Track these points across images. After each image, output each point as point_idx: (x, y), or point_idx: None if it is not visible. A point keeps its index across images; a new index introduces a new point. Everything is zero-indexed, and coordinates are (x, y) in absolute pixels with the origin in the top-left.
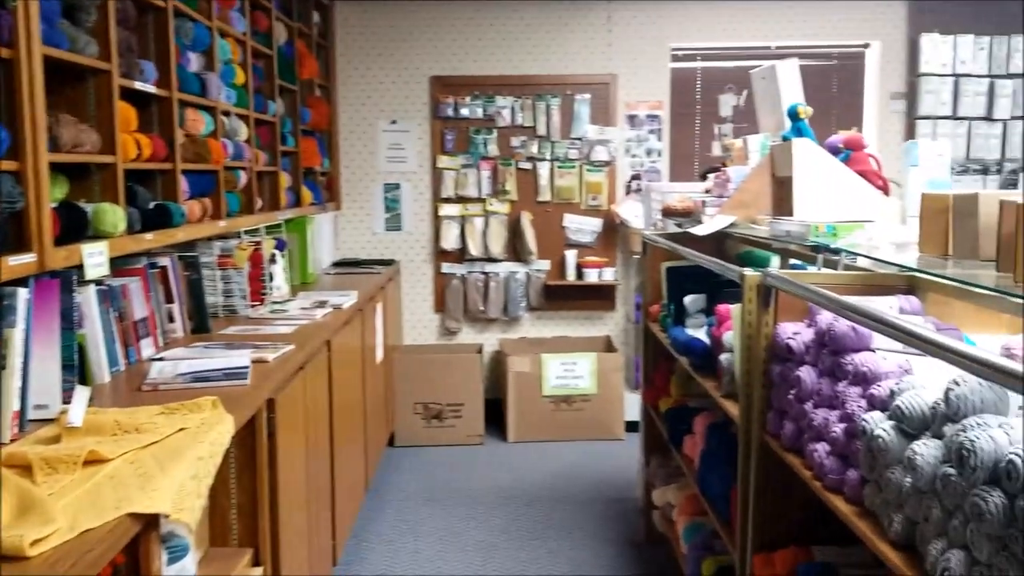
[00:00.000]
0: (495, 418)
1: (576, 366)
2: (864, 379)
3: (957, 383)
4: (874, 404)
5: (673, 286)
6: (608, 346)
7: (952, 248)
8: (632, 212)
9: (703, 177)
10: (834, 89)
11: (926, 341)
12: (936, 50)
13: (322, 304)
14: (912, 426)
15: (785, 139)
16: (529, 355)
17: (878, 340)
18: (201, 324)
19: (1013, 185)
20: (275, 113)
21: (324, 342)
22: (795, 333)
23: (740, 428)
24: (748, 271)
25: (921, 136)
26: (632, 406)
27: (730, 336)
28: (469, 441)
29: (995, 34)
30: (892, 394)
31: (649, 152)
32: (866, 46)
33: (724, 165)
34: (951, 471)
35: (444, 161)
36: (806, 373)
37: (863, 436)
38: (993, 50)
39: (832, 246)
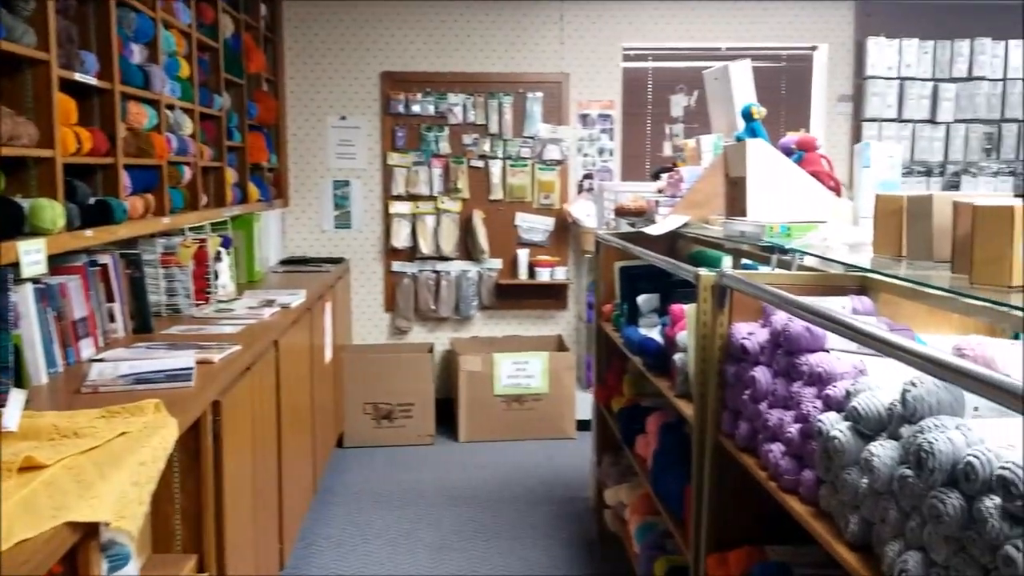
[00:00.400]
0: (446, 418)
1: (528, 365)
2: (819, 380)
3: (914, 384)
4: (830, 405)
5: (626, 286)
6: (560, 345)
7: (906, 249)
8: (584, 211)
9: (655, 177)
10: (782, 91)
11: (881, 341)
12: (882, 53)
13: (269, 303)
14: (868, 427)
15: (739, 139)
16: (481, 354)
17: (832, 340)
18: (143, 324)
19: (955, 187)
20: (221, 107)
21: (272, 342)
22: (750, 333)
23: (694, 428)
24: (703, 271)
25: (867, 138)
26: (583, 405)
27: (684, 336)
28: (420, 441)
29: (939, 38)
30: (848, 395)
31: (601, 151)
32: (814, 49)
33: (675, 165)
34: (908, 472)
35: (395, 158)
36: (761, 373)
37: (819, 437)
38: (937, 54)
39: (786, 247)
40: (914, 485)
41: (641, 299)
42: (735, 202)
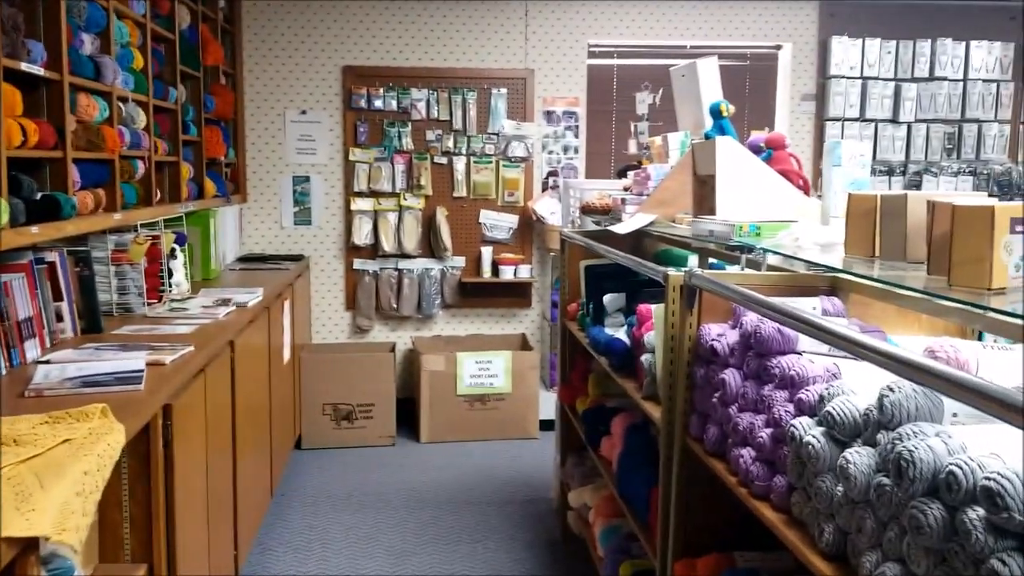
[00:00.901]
0: (407, 418)
1: (491, 364)
2: (791, 383)
3: (892, 389)
4: (802, 409)
5: (592, 285)
6: (524, 344)
7: (879, 249)
8: (549, 209)
9: (620, 175)
10: (747, 90)
11: (854, 343)
12: (845, 53)
13: (225, 302)
14: (843, 433)
15: (707, 137)
16: (443, 353)
17: (804, 343)
18: (93, 324)
19: (917, 186)
20: (176, 100)
21: (227, 343)
22: (719, 335)
23: (662, 431)
24: (672, 271)
25: (830, 137)
26: (547, 405)
27: (651, 337)
28: (380, 442)
29: (902, 38)
30: (822, 399)
31: (566, 149)
32: (778, 48)
33: (641, 163)
34: (886, 481)
35: (357, 154)
36: (731, 376)
37: (791, 442)
38: (899, 54)
39: (757, 246)
40: (893, 494)
41: (607, 299)
42: (703, 201)
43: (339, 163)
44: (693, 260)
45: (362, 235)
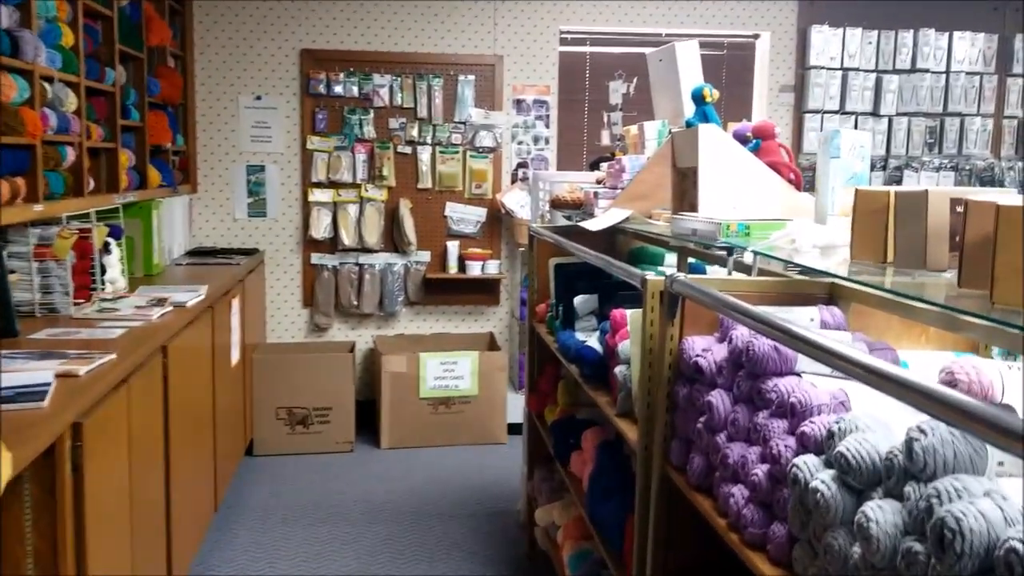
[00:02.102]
0: (367, 422)
1: (456, 366)
2: (792, 411)
3: (923, 432)
4: (806, 444)
5: (562, 284)
6: (491, 344)
7: (892, 255)
8: (518, 202)
9: (592, 167)
10: (723, 80)
11: (874, 373)
12: (825, 43)
13: (160, 302)
14: (859, 480)
15: (689, 125)
16: (406, 354)
17: (804, 362)
18: (7, 327)
19: (897, 181)
20: (115, 82)
21: (158, 348)
22: (704, 350)
23: (638, 457)
24: (651, 275)
25: (809, 130)
26: (515, 408)
27: (627, 346)
28: (338, 448)
29: (883, 28)
30: (831, 435)
31: (536, 139)
32: (756, 37)
33: (614, 155)
34: (919, 548)
35: (315, 142)
36: (719, 399)
37: (793, 485)
38: (881, 45)
39: (750, 248)
40: (931, 568)
41: (578, 300)
42: (684, 195)
43: (296, 152)
44: (671, 259)
45: (321, 228)
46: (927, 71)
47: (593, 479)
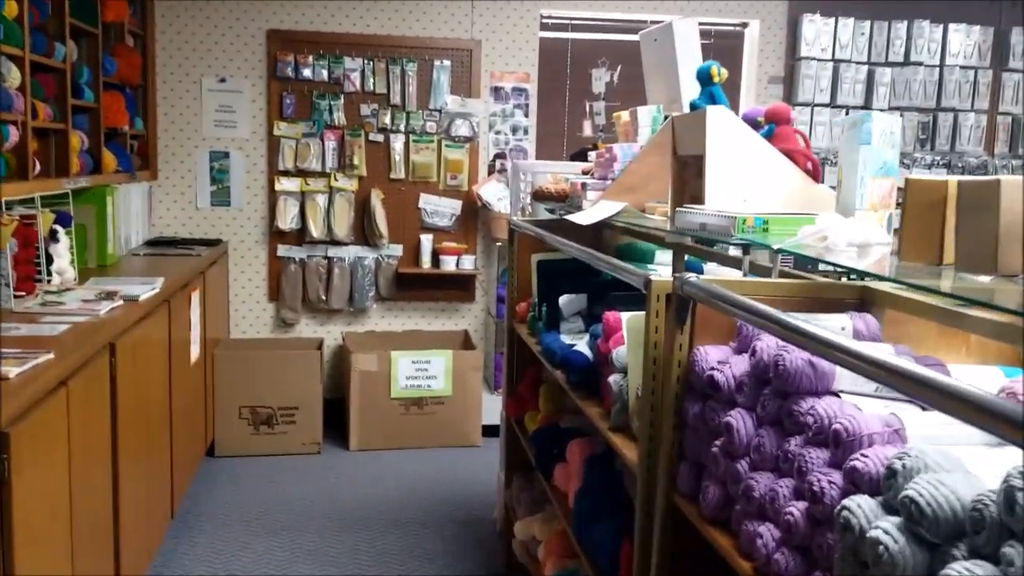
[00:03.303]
0: (336, 422)
1: (430, 365)
2: (835, 440)
3: None
4: (856, 482)
5: (545, 283)
6: (466, 342)
7: (953, 255)
8: (495, 194)
9: (573, 159)
10: None
11: (962, 400)
12: (817, 33)
13: (110, 295)
14: (936, 533)
15: (694, 107)
16: (376, 352)
17: (843, 378)
18: None
19: None
20: (66, 59)
21: (105, 345)
22: (721, 362)
23: (639, 480)
24: (655, 275)
25: (799, 124)
26: (491, 409)
27: (622, 354)
28: (304, 450)
29: (876, 19)
30: (892, 473)
31: (515, 129)
32: (744, 26)
33: (595, 147)
34: None
35: (282, 128)
36: (740, 420)
37: (843, 532)
38: (873, 36)
39: (775, 247)
40: None
41: (563, 300)
42: (685, 186)
43: (262, 138)
44: (661, 256)
45: (287, 219)
46: (921, 64)
47: (580, 497)
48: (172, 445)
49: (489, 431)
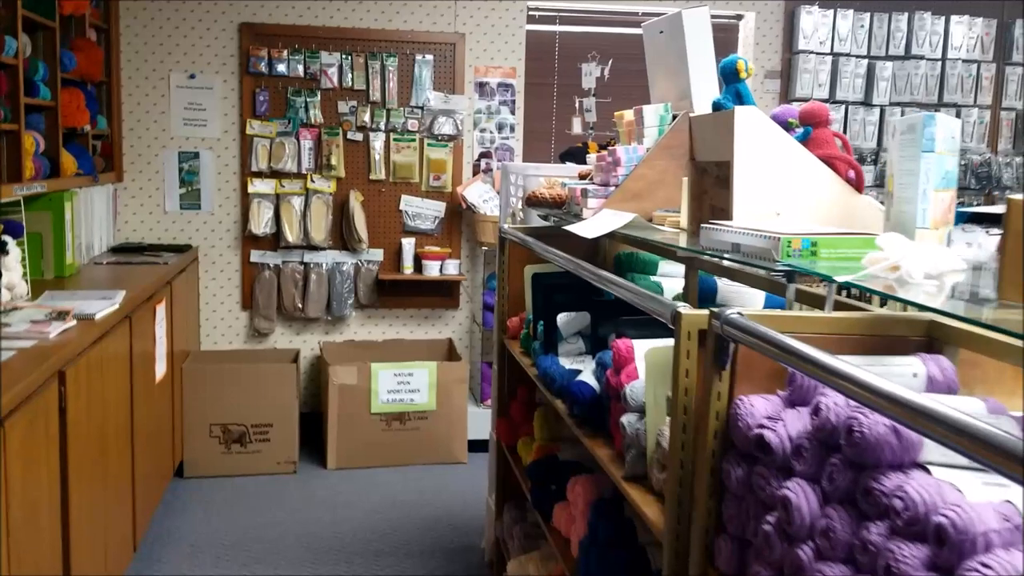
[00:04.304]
0: (313, 439)
1: (412, 377)
2: (939, 537)
3: None
4: None
5: (541, 298)
6: (450, 352)
7: None
8: (480, 195)
9: (562, 159)
10: None
11: None
12: (815, 26)
13: (62, 315)
14: None
15: (718, 107)
16: (356, 363)
17: (931, 449)
18: None
19: None
20: (18, 54)
21: (53, 374)
22: (772, 418)
23: (666, 550)
24: (684, 307)
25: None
26: (477, 423)
27: (639, 391)
28: (279, 469)
29: (877, 11)
30: None
31: (501, 127)
32: (739, 18)
33: (585, 145)
34: None
35: (255, 127)
36: (800, 495)
37: None
38: (873, 28)
39: (838, 279)
40: None
41: (562, 319)
42: (702, 196)
43: (234, 137)
44: (667, 267)
45: (261, 223)
46: (922, 58)
47: (587, 548)
48: (134, 471)
49: (476, 446)
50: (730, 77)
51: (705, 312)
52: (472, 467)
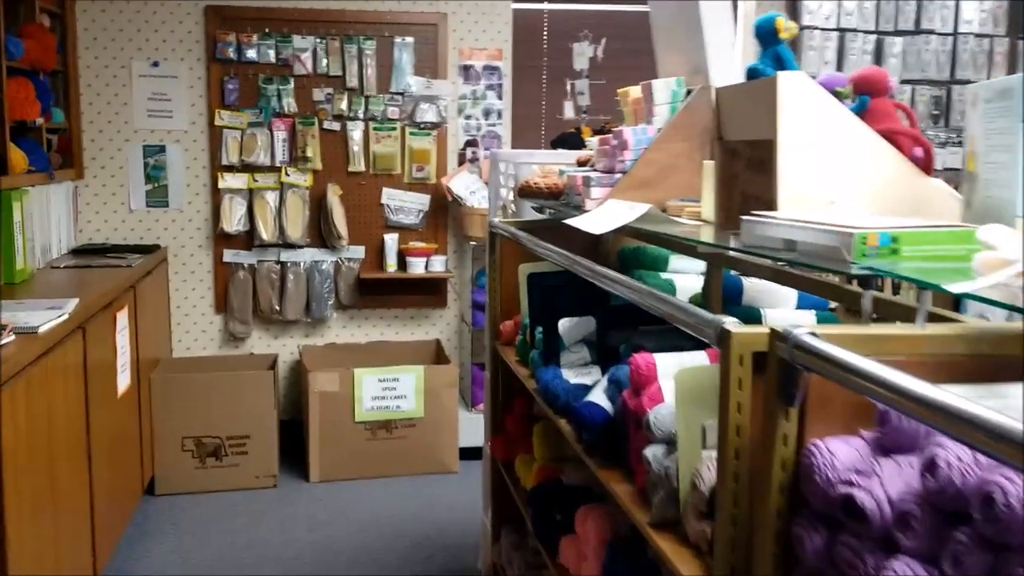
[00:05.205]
0: (293, 450)
1: (398, 383)
2: None
3: None
4: None
5: (539, 302)
6: (438, 354)
7: None
8: (467, 186)
9: (554, 145)
10: None
11: None
12: (819, 0)
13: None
14: None
15: (754, 74)
16: (338, 369)
17: None
18: None
19: None
20: None
21: None
22: (862, 472)
23: None
24: (731, 323)
25: None
26: (469, 429)
27: (666, 418)
28: (258, 484)
29: None
30: None
31: (487, 112)
32: None
33: (579, 131)
34: None
35: (225, 118)
36: None
37: None
38: (881, 3)
39: (952, 289)
40: None
41: (565, 325)
42: (732, 182)
43: (202, 129)
44: (678, 262)
45: (234, 220)
46: (932, 32)
47: None
48: (92, 494)
49: (467, 454)
50: (767, 38)
51: (764, 330)
52: (464, 477)
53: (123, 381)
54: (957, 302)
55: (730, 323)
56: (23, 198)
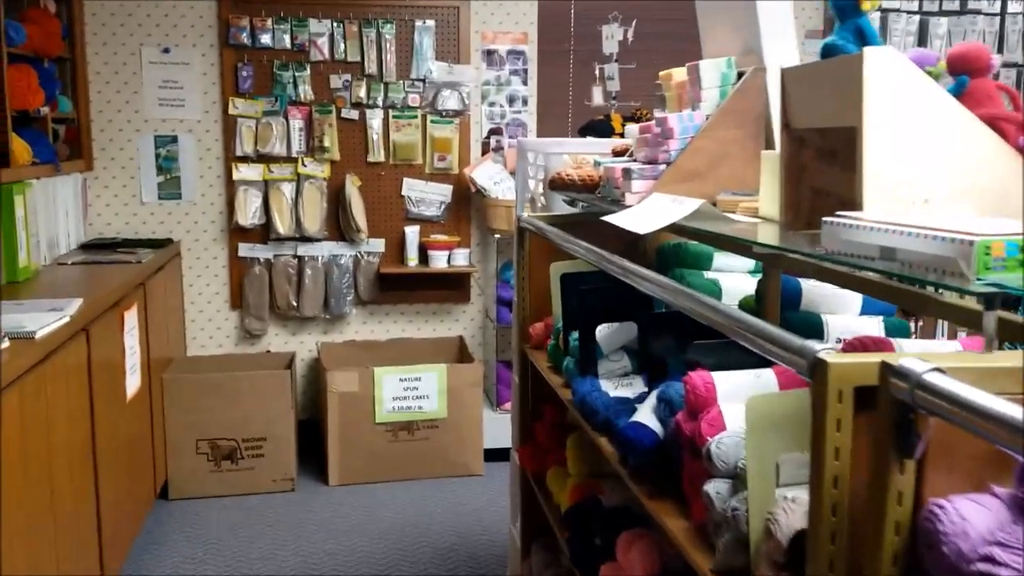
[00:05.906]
0: (312, 453)
1: (420, 383)
2: None
3: None
4: None
5: (576, 304)
6: (461, 352)
7: None
8: (491, 177)
9: (582, 133)
10: None
11: None
12: None
13: None
14: None
15: (830, 51)
16: (358, 368)
17: None
18: None
19: None
20: None
21: None
22: (1004, 544)
23: None
24: (830, 353)
25: None
26: (494, 430)
27: (732, 449)
28: (276, 487)
29: None
30: None
31: (512, 99)
32: None
33: (608, 118)
34: None
35: (239, 106)
36: None
37: None
38: None
39: None
40: None
41: (603, 332)
42: (801, 175)
43: (216, 118)
44: (723, 260)
45: (249, 213)
46: (979, 13)
47: None
48: (99, 501)
49: (492, 455)
50: (847, 10)
51: (871, 360)
52: (489, 480)
53: (132, 383)
54: None
55: (824, 351)
56: (26, 191)
